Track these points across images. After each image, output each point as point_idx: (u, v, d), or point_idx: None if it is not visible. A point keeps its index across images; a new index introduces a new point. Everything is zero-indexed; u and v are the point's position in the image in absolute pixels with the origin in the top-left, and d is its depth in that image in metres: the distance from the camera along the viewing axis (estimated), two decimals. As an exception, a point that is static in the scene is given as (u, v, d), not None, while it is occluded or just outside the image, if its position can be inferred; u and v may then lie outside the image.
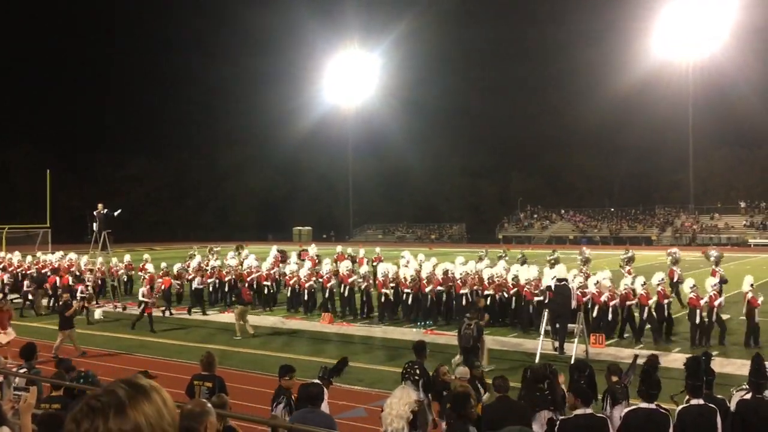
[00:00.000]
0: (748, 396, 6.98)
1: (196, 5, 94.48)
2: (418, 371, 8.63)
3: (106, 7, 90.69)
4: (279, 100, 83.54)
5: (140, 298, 19.88)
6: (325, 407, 7.42)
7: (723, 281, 18.25)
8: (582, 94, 74.53)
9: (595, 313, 16.96)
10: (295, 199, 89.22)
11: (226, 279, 23.89)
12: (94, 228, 24.28)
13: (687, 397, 6.72)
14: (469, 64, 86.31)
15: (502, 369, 12.99)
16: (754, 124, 68.71)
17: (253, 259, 25.32)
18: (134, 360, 15.36)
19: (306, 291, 21.90)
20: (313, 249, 29.75)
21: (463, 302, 18.71)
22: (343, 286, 21.37)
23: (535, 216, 78.88)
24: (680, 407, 6.65)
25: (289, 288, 22.70)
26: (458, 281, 19.56)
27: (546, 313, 15.34)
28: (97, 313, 21.97)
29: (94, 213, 24.44)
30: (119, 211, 24.12)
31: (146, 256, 26.77)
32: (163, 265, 24.67)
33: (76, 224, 63.60)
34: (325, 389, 7.70)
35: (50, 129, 80.00)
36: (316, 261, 26.14)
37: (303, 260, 26.66)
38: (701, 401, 6.47)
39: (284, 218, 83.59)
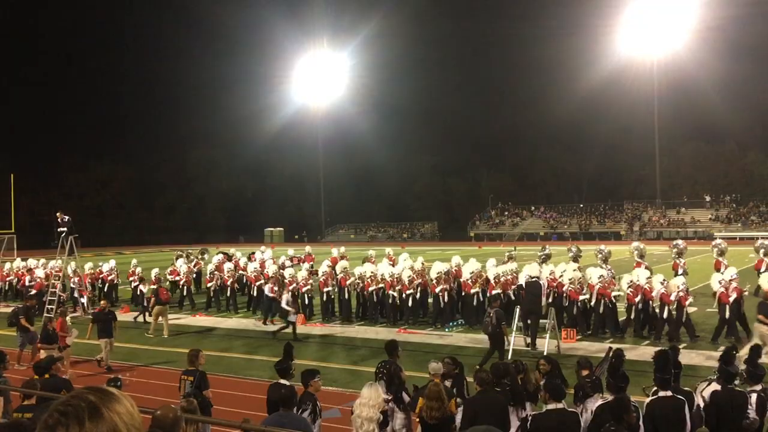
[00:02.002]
0: (718, 387, 7.11)
1: (160, 5, 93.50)
2: (384, 371, 8.64)
3: (69, 8, 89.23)
4: (247, 101, 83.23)
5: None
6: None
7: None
8: (549, 92, 75.46)
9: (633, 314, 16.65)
10: (265, 200, 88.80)
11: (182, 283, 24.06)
12: (61, 233, 23.89)
13: (655, 389, 6.81)
14: (438, 63, 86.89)
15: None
16: (717, 120, 70.07)
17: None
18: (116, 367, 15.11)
19: (305, 295, 21.56)
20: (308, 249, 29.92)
21: (474, 302, 18.67)
22: (339, 288, 21.00)
23: (506, 213, 79.47)
24: (648, 399, 6.74)
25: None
26: (467, 281, 19.34)
27: (518, 310, 15.47)
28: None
29: (57, 219, 23.97)
30: (67, 219, 23.76)
31: (134, 260, 26.75)
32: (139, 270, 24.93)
33: (40, 229, 62.46)
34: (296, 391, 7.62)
35: (12, 133, 78.52)
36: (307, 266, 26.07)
37: (296, 264, 26.50)
38: (669, 393, 6.57)
39: (255, 219, 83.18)
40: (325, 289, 20.58)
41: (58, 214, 24.05)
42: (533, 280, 16.05)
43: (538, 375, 8.38)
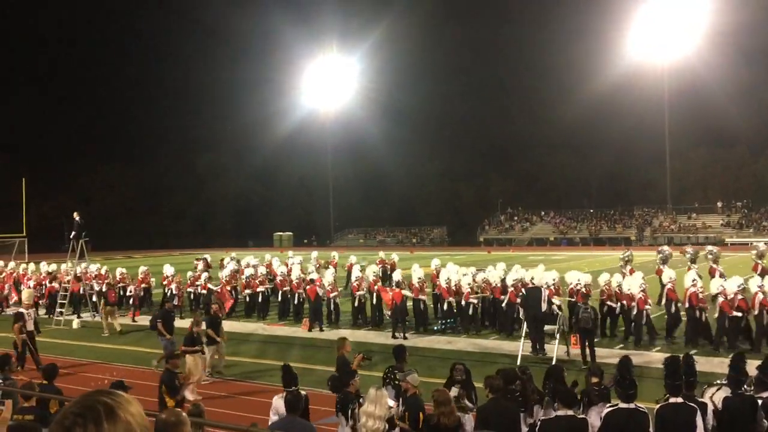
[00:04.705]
0: (729, 393, 7.03)
1: (171, 10, 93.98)
2: (392, 376, 8.57)
3: (80, 15, 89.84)
4: (257, 106, 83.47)
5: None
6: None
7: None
8: (559, 96, 75.28)
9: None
10: (274, 205, 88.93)
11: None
12: (71, 236, 23.90)
13: (666, 395, 6.74)
14: (447, 68, 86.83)
15: (486, 372, 12.95)
16: (728, 125, 69.73)
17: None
18: (110, 369, 15.13)
19: (296, 297, 21.63)
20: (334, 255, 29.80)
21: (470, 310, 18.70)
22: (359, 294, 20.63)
23: (516, 218, 79.26)
24: (659, 405, 6.67)
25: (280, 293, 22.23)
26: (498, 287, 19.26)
27: (524, 316, 15.42)
28: (75, 323, 21.68)
29: (72, 220, 24.02)
30: (80, 221, 23.80)
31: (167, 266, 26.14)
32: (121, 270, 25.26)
33: (51, 233, 62.67)
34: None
35: (24, 137, 79.04)
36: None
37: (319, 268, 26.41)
38: (680, 400, 6.49)
39: (264, 224, 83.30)
40: (358, 293, 20.35)
41: (75, 214, 24.10)
42: (534, 286, 16.04)
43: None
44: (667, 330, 16.78)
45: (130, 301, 23.46)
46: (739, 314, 15.38)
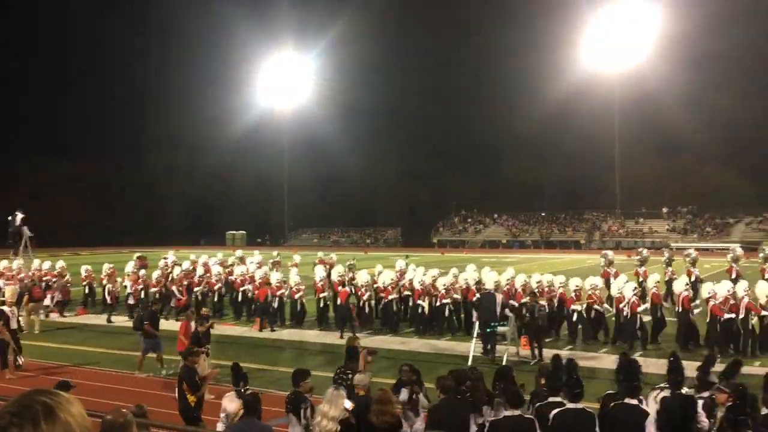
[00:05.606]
0: (668, 393, 7.23)
1: (123, 4, 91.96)
2: (351, 377, 8.55)
3: (29, 5, 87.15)
4: (211, 103, 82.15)
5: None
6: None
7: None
8: (515, 102, 76.02)
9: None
10: (229, 203, 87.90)
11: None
12: (21, 233, 23.32)
13: (618, 395, 6.90)
14: (405, 68, 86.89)
15: (438, 372, 13.05)
16: (676, 133, 71.56)
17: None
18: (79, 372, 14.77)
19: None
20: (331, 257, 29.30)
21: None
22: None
23: (469, 220, 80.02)
24: (612, 404, 6.80)
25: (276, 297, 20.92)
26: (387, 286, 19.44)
27: (475, 319, 15.50)
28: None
29: (12, 218, 23.43)
30: (20, 217, 23.26)
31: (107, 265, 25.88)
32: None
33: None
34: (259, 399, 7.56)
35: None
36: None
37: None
38: (635, 401, 6.62)
39: (218, 223, 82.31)
40: (322, 295, 20.18)
41: (17, 212, 23.56)
42: (488, 291, 16.07)
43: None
44: (652, 334, 16.94)
45: (54, 299, 23.02)
46: (732, 315, 15.51)
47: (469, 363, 13.67)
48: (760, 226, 62.81)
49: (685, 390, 7.29)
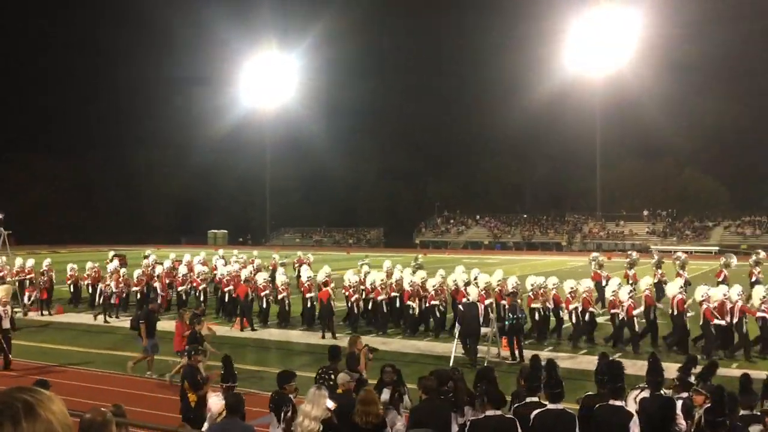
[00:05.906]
0: (647, 394, 7.29)
1: (106, 2, 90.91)
2: (333, 377, 8.54)
3: (13, 4, 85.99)
4: (194, 102, 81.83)
5: None
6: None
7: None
8: (498, 104, 76.30)
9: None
10: (210, 202, 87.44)
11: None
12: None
13: (600, 396, 6.95)
14: (388, 68, 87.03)
15: (420, 373, 13.07)
16: (657, 136, 72.32)
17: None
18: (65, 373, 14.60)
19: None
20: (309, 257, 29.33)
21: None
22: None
23: (452, 221, 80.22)
24: (597, 405, 6.83)
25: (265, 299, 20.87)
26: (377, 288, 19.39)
27: (457, 326, 15.38)
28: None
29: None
30: None
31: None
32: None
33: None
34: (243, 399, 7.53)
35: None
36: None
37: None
38: (619, 403, 6.66)
39: (199, 221, 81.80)
40: (308, 295, 20.03)
41: None
42: (470, 302, 15.72)
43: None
44: (643, 336, 16.90)
45: (30, 297, 22.80)
46: (723, 322, 15.45)
47: (451, 363, 13.70)
48: (738, 230, 63.61)
49: (663, 391, 7.36)
